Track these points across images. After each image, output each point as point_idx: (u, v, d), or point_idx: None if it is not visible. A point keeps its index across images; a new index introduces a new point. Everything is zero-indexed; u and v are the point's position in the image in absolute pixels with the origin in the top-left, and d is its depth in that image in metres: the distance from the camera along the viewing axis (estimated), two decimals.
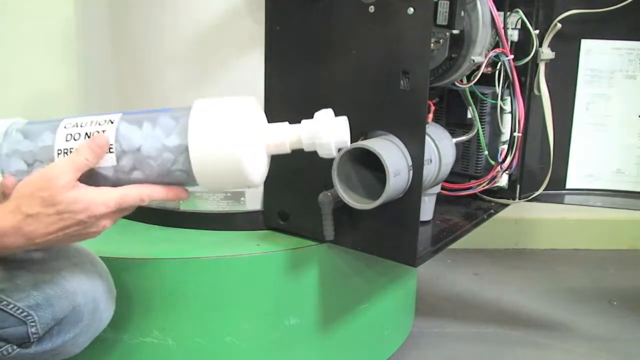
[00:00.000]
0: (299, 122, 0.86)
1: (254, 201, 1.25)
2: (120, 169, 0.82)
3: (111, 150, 0.81)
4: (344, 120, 0.84)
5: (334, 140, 0.84)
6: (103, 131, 0.81)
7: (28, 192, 0.79)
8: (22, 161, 0.83)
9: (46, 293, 0.88)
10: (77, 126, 0.83)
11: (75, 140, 0.82)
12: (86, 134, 0.82)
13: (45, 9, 1.82)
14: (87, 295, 0.92)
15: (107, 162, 0.81)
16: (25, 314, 0.87)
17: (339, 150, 0.89)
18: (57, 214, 0.78)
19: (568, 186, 1.50)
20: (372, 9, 1.04)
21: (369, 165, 1.06)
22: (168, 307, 1.16)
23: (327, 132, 0.83)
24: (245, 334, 1.19)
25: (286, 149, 0.85)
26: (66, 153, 0.81)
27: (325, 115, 0.85)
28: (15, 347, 0.89)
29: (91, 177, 0.81)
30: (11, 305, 0.86)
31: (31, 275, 0.89)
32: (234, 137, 0.79)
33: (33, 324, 0.87)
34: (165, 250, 1.17)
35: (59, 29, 1.72)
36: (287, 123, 0.85)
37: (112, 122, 0.82)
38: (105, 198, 0.79)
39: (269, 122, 0.86)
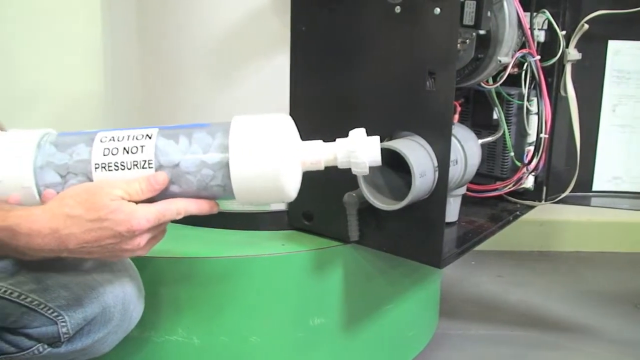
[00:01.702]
0: (324, 123, 0.88)
1: None
2: None
3: (150, 165, 0.82)
4: (376, 140, 0.86)
5: (369, 159, 0.86)
6: (142, 146, 0.82)
7: (74, 192, 0.79)
8: (55, 173, 0.82)
9: (76, 294, 0.89)
10: (114, 140, 0.83)
11: (113, 154, 0.82)
12: (124, 148, 0.82)
13: (72, 14, 1.84)
14: (117, 296, 0.92)
15: None
16: (56, 314, 0.88)
17: None
18: (98, 221, 0.78)
19: (594, 188, 1.49)
20: (398, 9, 1.04)
21: (394, 166, 1.06)
22: (194, 306, 1.16)
23: (362, 151, 0.86)
24: (269, 334, 1.19)
25: (321, 166, 0.87)
26: (104, 168, 0.82)
27: (359, 134, 0.86)
28: (46, 346, 0.90)
29: None
30: (42, 305, 0.87)
31: (61, 275, 0.90)
32: (276, 157, 0.81)
33: (64, 323, 0.88)
34: (191, 249, 1.17)
35: (85, 32, 1.73)
36: (321, 141, 0.87)
37: (149, 137, 0.83)
38: (145, 212, 0.79)
39: (294, 119, 0.87)
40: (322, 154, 0.86)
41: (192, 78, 1.24)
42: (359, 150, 0.85)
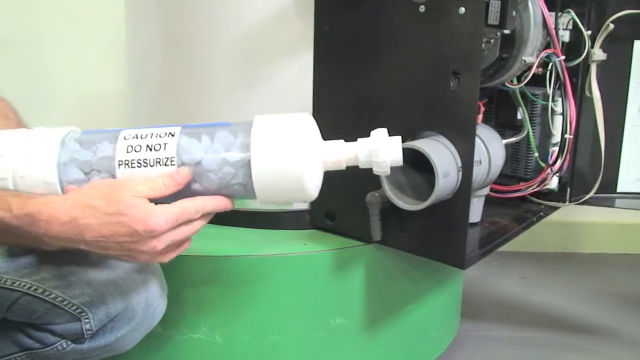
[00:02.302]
0: (348, 123, 0.88)
1: None
2: None
3: (173, 163, 0.82)
4: (398, 140, 0.86)
5: (390, 159, 0.86)
6: (164, 144, 0.82)
7: (97, 185, 0.80)
8: (79, 170, 0.83)
9: (100, 290, 0.89)
10: (137, 138, 0.83)
11: (136, 152, 0.82)
12: (147, 146, 0.83)
13: (96, 13, 1.85)
14: (140, 294, 0.93)
15: None
16: (79, 310, 0.88)
17: None
18: (116, 215, 0.78)
19: (619, 190, 1.47)
20: (422, 8, 1.03)
21: (417, 166, 1.05)
22: (216, 304, 1.17)
23: (383, 150, 0.85)
24: (291, 333, 1.19)
25: (342, 165, 0.87)
26: (127, 164, 0.82)
27: (380, 134, 0.86)
28: (69, 342, 0.90)
29: None
30: (66, 302, 0.88)
31: (85, 272, 0.90)
32: (297, 155, 0.81)
33: (87, 320, 0.89)
34: (214, 248, 1.18)
35: (109, 31, 1.74)
36: (342, 140, 0.87)
37: (172, 135, 0.83)
38: (164, 212, 0.79)
39: (317, 119, 0.87)
40: (343, 153, 0.86)
41: (214, 78, 1.24)
42: (380, 150, 0.85)
